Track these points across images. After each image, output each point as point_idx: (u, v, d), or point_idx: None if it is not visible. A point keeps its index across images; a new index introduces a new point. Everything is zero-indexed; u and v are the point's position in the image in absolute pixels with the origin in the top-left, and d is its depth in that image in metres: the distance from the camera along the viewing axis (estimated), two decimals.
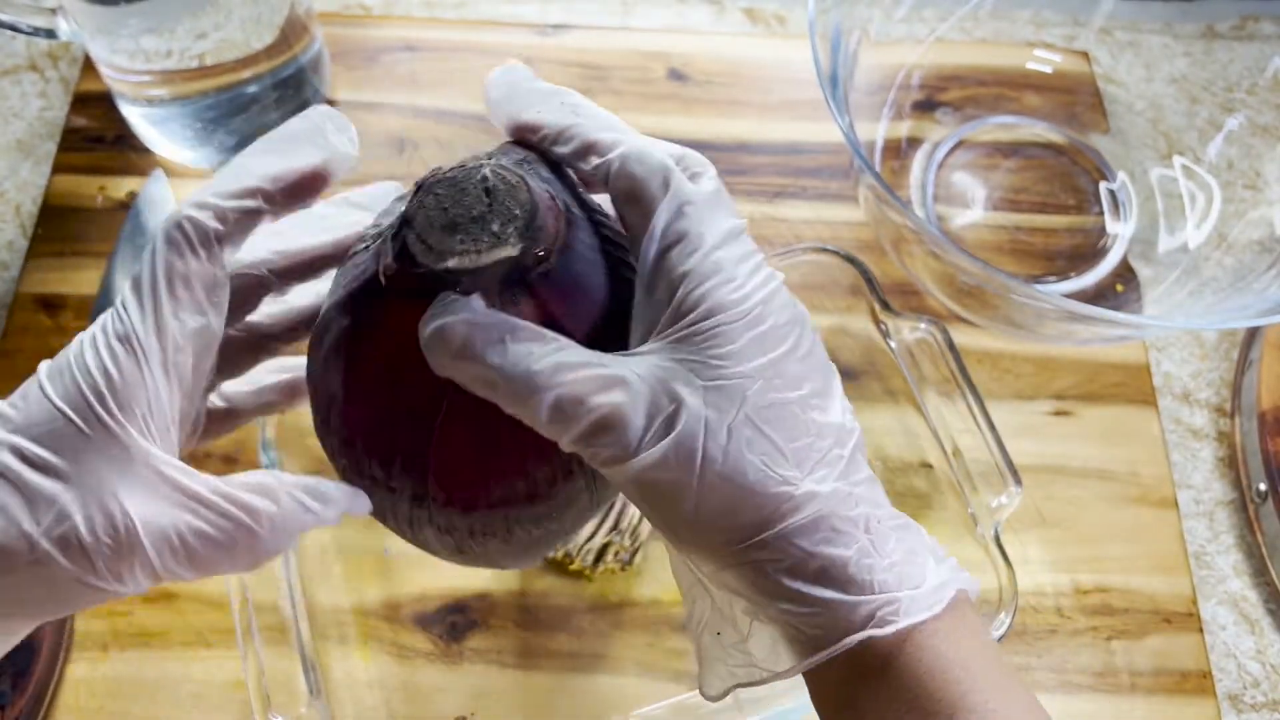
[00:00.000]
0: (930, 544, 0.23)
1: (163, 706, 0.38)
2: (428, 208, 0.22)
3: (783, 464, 0.21)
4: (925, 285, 0.47)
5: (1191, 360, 0.49)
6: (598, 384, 0.21)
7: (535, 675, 0.39)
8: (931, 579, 0.22)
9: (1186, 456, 0.46)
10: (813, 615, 0.21)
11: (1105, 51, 0.56)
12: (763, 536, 0.21)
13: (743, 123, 0.53)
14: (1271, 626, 0.43)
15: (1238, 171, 0.50)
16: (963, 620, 0.22)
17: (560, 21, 0.56)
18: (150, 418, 0.22)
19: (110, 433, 0.21)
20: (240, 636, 0.35)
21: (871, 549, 0.22)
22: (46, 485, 0.21)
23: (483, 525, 0.25)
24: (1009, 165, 0.53)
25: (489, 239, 0.21)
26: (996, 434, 0.40)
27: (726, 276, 0.22)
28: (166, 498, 0.22)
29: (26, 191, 0.50)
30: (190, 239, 0.23)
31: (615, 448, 0.21)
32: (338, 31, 0.54)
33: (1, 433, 0.22)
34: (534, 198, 0.22)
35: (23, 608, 0.22)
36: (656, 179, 0.22)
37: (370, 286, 0.23)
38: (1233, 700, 0.41)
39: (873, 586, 0.21)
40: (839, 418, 0.23)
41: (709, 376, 0.21)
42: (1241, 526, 0.45)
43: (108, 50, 0.44)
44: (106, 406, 0.21)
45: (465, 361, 0.21)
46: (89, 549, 0.21)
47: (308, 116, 0.25)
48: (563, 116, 0.24)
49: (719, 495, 0.21)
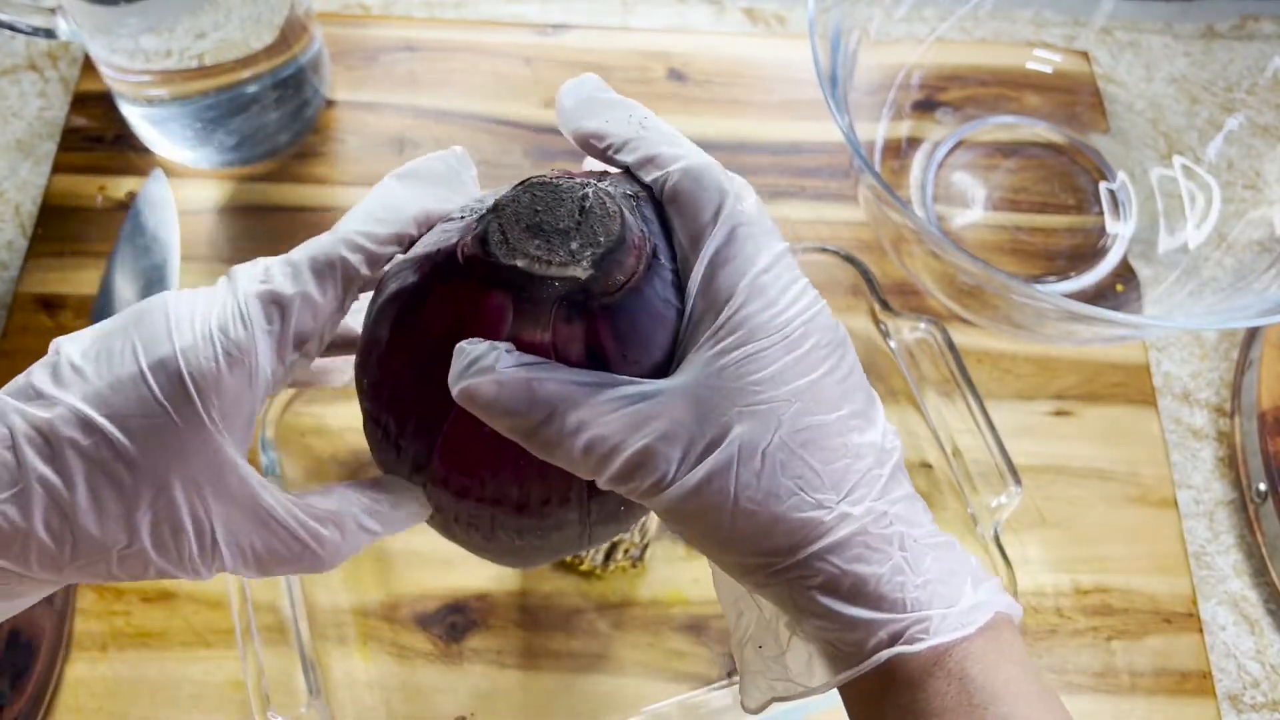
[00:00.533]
0: (972, 565, 0.23)
1: (162, 707, 0.38)
2: (520, 204, 0.22)
3: (818, 487, 0.21)
4: (925, 285, 0.47)
5: (1191, 360, 0.49)
6: (628, 426, 0.21)
7: (535, 675, 0.39)
8: (967, 599, 0.22)
9: (1186, 456, 0.46)
10: (844, 632, 0.22)
11: (1105, 51, 0.56)
12: (797, 558, 0.22)
13: (742, 122, 0.53)
14: (1271, 627, 0.43)
15: (1238, 171, 0.50)
16: (1000, 642, 0.22)
17: (560, 21, 0.56)
18: (241, 430, 0.23)
19: (208, 439, 0.22)
20: (239, 637, 0.35)
21: (905, 567, 0.22)
22: (138, 477, 0.21)
23: (469, 515, 0.25)
24: (1009, 165, 0.52)
25: (563, 255, 0.22)
26: (996, 434, 0.40)
27: (770, 300, 0.22)
28: (246, 511, 0.22)
29: (26, 191, 0.50)
30: (335, 280, 0.23)
31: (649, 482, 0.21)
32: (337, 31, 0.54)
33: (89, 410, 0.21)
34: (623, 231, 0.22)
35: (83, 578, 0.23)
36: (712, 198, 0.23)
37: (447, 255, 0.23)
38: (1233, 700, 0.41)
39: (904, 604, 0.21)
40: (878, 438, 0.23)
41: (745, 402, 0.21)
42: (1241, 526, 0.45)
43: (107, 50, 0.44)
44: (210, 413, 0.22)
45: (495, 417, 0.21)
46: (179, 549, 0.22)
47: (447, 158, 0.26)
48: (628, 128, 0.24)
49: (753, 520, 0.21)
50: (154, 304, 0.23)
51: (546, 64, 0.54)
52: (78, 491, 0.21)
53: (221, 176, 0.50)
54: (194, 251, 0.48)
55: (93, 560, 0.22)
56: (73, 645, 0.39)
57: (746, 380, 0.21)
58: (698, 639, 0.40)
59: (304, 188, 0.50)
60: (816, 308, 0.23)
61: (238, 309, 0.22)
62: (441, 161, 0.25)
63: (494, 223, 0.22)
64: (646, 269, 0.23)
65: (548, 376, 0.21)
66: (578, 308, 0.22)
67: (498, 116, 0.52)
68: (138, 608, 0.40)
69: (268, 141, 0.50)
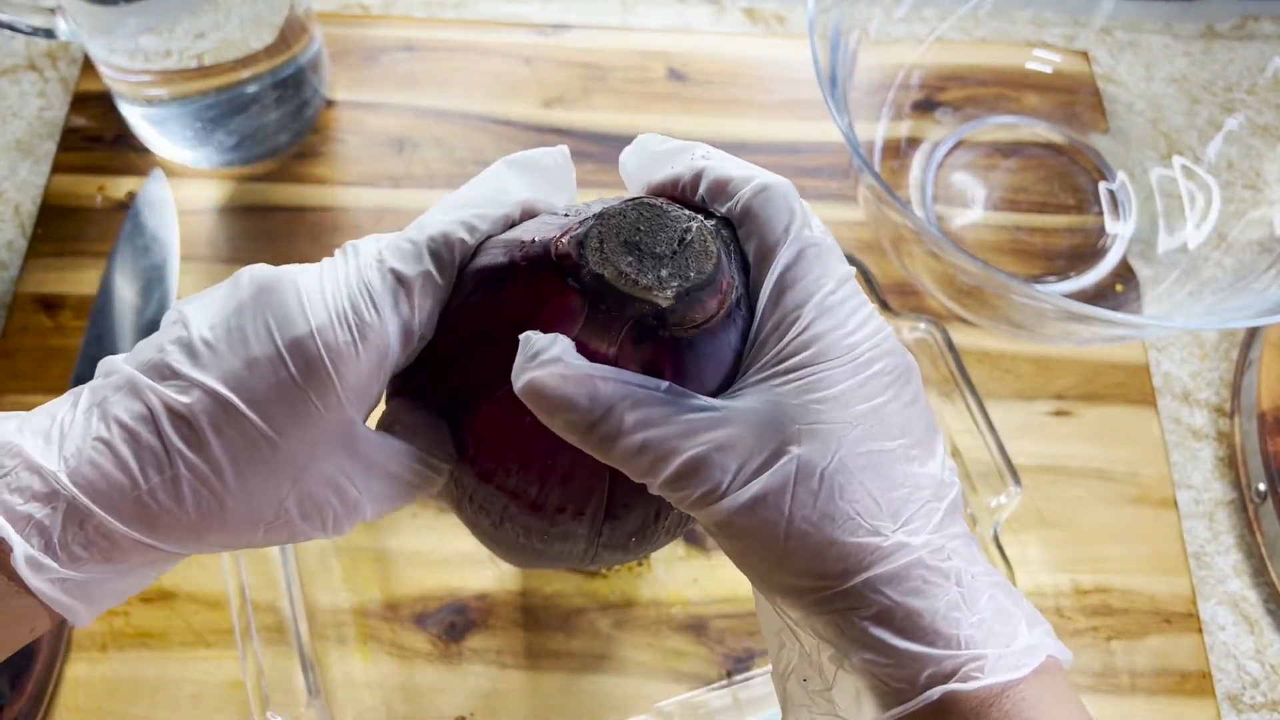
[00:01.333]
0: (1026, 607, 0.23)
1: (161, 707, 0.38)
2: (625, 218, 0.22)
3: (876, 514, 0.21)
4: (925, 285, 0.47)
5: (1191, 360, 0.49)
6: (686, 432, 0.21)
7: (534, 675, 0.39)
8: (1022, 639, 0.21)
9: (1186, 456, 0.46)
10: (896, 667, 0.21)
11: (1105, 51, 0.56)
12: (850, 584, 0.21)
13: (742, 122, 0.53)
14: (1271, 626, 0.43)
15: (1237, 171, 0.50)
16: (1052, 687, 0.21)
17: (560, 21, 0.56)
18: (368, 409, 0.23)
19: (343, 419, 0.22)
20: (239, 637, 0.35)
21: (961, 603, 0.21)
22: (281, 459, 0.22)
23: (484, 499, 0.25)
24: (1008, 165, 0.52)
25: (651, 279, 0.22)
26: (996, 434, 0.40)
27: (838, 322, 0.22)
28: (378, 470, 0.23)
29: (26, 191, 0.50)
30: (453, 261, 0.24)
31: (701, 490, 0.21)
32: (337, 31, 0.54)
33: (230, 395, 0.21)
34: (715, 273, 0.22)
35: (228, 549, 0.24)
36: (782, 218, 0.23)
37: (542, 245, 0.23)
38: (1232, 700, 0.41)
39: (959, 641, 0.21)
40: (938, 471, 0.22)
41: (807, 420, 0.21)
42: (1241, 527, 0.45)
43: (106, 50, 0.44)
44: (347, 395, 0.22)
45: (555, 410, 0.21)
46: (322, 518, 0.23)
47: (555, 155, 0.26)
48: (696, 164, 0.24)
49: (806, 541, 0.21)
50: (282, 278, 0.23)
51: (546, 64, 0.54)
52: (225, 475, 0.21)
53: (221, 176, 0.50)
54: (194, 251, 0.48)
55: (240, 534, 0.22)
56: (72, 645, 0.39)
57: (809, 399, 0.21)
58: (698, 639, 0.40)
59: (304, 188, 0.50)
60: (885, 333, 0.22)
61: (365, 289, 0.22)
62: (550, 157, 0.26)
63: (595, 229, 0.22)
64: (725, 316, 0.23)
65: (612, 377, 0.21)
66: (649, 332, 0.22)
67: (498, 116, 0.52)
68: (137, 608, 0.40)
69: (267, 141, 0.50)
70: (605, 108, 0.53)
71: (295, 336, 0.22)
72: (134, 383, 0.22)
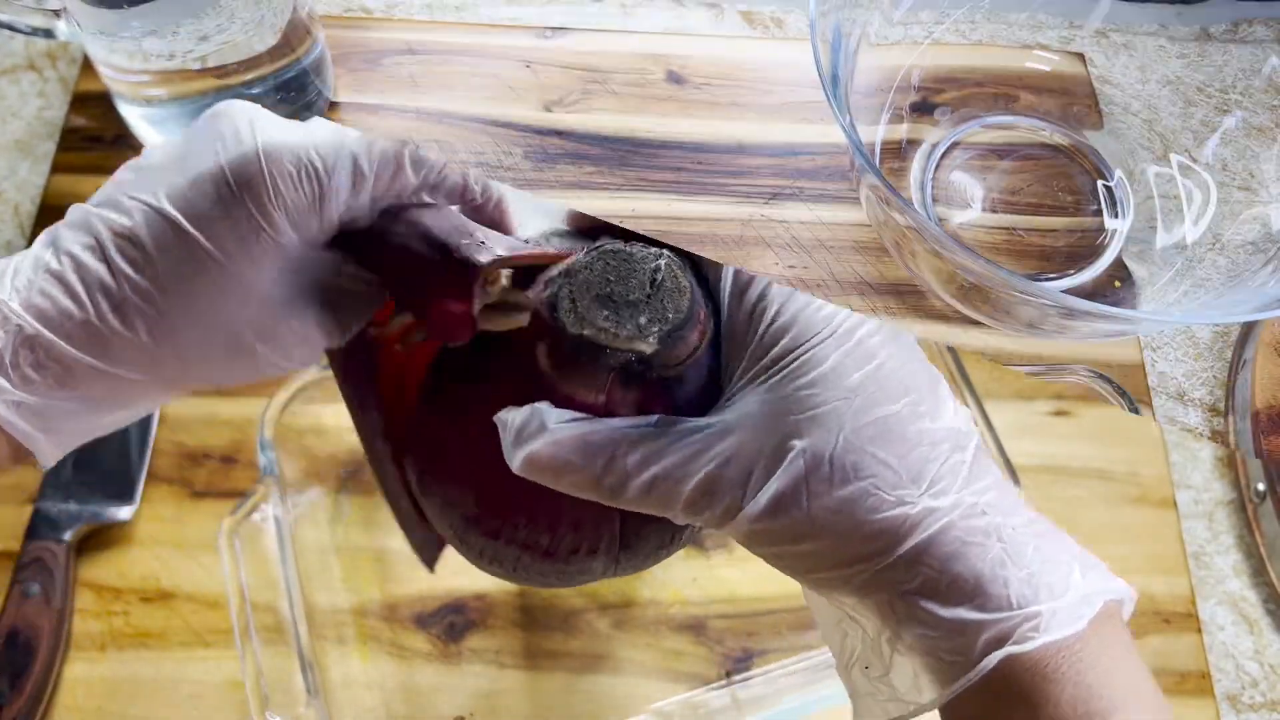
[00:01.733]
0: (1077, 550, 0.22)
1: (160, 707, 0.38)
2: (593, 271, 0.22)
3: (896, 483, 0.20)
4: (928, 284, 0.47)
5: (1186, 360, 0.49)
6: (688, 457, 0.21)
7: (534, 675, 0.39)
8: (1076, 588, 0.20)
9: (1186, 457, 0.46)
10: (948, 638, 0.20)
11: (1101, 53, 0.56)
12: (887, 562, 0.20)
13: (740, 124, 0.53)
14: (1270, 627, 0.43)
15: (1232, 172, 0.50)
16: (1110, 644, 0.20)
17: (560, 24, 0.56)
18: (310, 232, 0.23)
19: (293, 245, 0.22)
20: (238, 637, 0.35)
21: (1006, 559, 0.20)
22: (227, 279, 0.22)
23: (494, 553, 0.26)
24: (1006, 165, 0.53)
25: (631, 329, 0.21)
26: (995, 434, 0.40)
27: (808, 299, 0.21)
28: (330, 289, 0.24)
29: (25, 191, 0.50)
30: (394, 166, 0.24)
31: (721, 507, 0.21)
32: (339, 34, 0.54)
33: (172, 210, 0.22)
34: (692, 308, 0.22)
35: (206, 384, 0.24)
36: None
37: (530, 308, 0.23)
38: (1231, 700, 0.41)
39: (1009, 601, 0.20)
40: (952, 421, 0.21)
41: (804, 409, 0.20)
42: (1241, 527, 0.45)
43: (107, 50, 0.44)
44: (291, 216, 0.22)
45: (560, 476, 0.21)
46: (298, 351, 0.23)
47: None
48: None
49: (834, 531, 0.20)
50: (240, 105, 0.23)
51: (547, 67, 0.54)
52: (172, 295, 0.21)
53: None
54: None
55: (202, 363, 0.22)
56: (71, 645, 0.39)
57: (801, 385, 0.21)
58: (698, 639, 0.40)
59: None
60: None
61: (313, 140, 0.22)
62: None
63: (565, 289, 0.22)
64: (706, 344, 0.22)
65: (599, 427, 0.21)
66: (636, 377, 0.22)
67: (498, 119, 0.52)
68: (136, 608, 0.40)
69: None
70: (605, 110, 0.53)
71: (240, 153, 0.21)
72: (85, 214, 0.22)
